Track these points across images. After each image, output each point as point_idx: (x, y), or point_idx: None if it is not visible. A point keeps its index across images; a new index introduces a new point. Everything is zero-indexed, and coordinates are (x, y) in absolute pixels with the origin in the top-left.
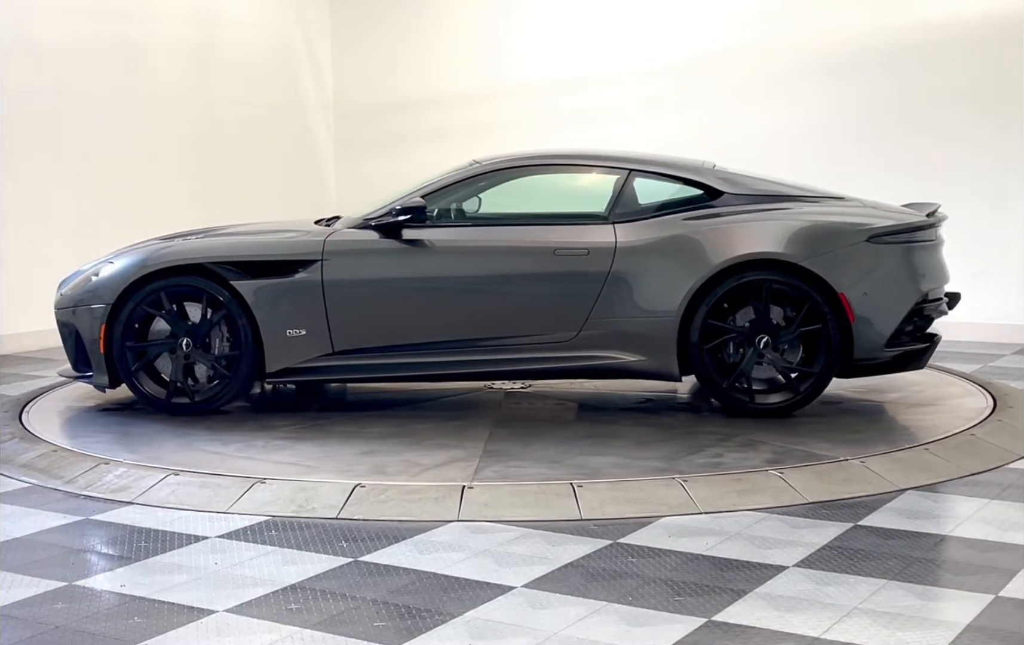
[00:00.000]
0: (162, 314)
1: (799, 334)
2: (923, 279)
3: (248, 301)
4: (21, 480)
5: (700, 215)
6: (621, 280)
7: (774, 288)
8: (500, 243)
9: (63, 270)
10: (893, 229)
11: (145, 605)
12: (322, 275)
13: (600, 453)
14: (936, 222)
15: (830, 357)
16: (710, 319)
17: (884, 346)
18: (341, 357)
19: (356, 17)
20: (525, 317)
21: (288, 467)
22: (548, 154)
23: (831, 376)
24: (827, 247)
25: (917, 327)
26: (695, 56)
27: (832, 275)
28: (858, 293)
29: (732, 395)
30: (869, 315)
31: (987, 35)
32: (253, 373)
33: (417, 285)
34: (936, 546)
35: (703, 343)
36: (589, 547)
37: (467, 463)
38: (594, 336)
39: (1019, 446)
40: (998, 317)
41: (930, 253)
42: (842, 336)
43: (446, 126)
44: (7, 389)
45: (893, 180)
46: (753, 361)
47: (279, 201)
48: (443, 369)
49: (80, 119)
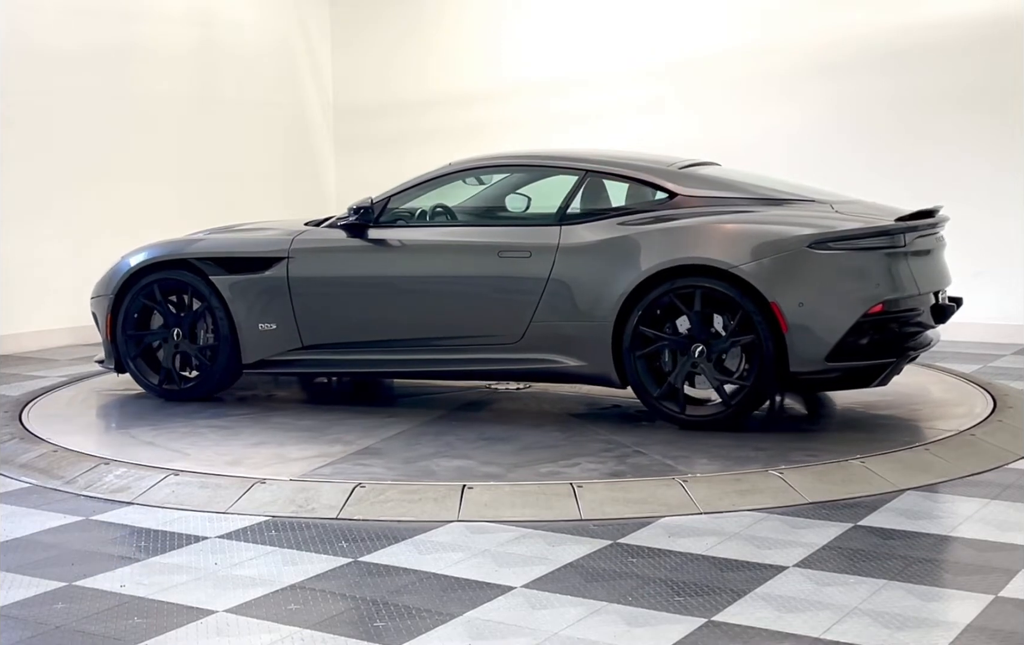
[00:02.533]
0: (155, 306)
1: (741, 344)
2: (875, 288)
3: (224, 296)
4: (21, 480)
5: (639, 218)
6: (562, 283)
7: (709, 295)
8: (449, 243)
9: (63, 270)
10: (839, 235)
11: (145, 605)
12: (287, 272)
13: (464, 457)
14: (901, 228)
15: (762, 369)
16: (642, 326)
17: (825, 359)
18: (310, 351)
19: (356, 17)
20: (473, 317)
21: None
22: (513, 155)
23: (768, 388)
24: (762, 253)
25: (876, 341)
26: (695, 56)
27: (765, 283)
28: (793, 302)
29: (663, 406)
30: (806, 326)
31: (987, 35)
32: (231, 364)
33: (373, 283)
34: (936, 546)
35: (634, 350)
36: (589, 547)
37: (326, 460)
38: (538, 339)
39: (1019, 446)
40: (998, 317)
41: (891, 260)
42: (776, 347)
43: (446, 126)
44: (7, 389)
45: (893, 180)
46: (684, 371)
47: (279, 201)
48: (401, 367)
49: (80, 120)
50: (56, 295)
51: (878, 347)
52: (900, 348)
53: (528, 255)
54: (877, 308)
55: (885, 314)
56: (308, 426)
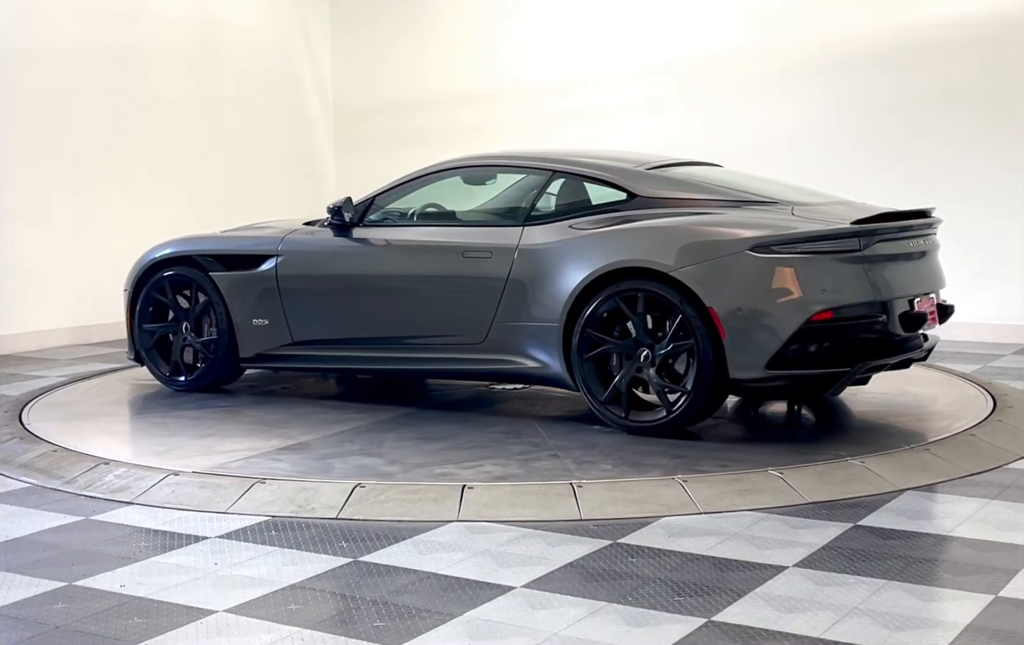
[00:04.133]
0: (165, 300)
1: (682, 350)
2: (821, 294)
3: (223, 292)
4: (21, 480)
5: (593, 220)
6: (519, 285)
7: (653, 300)
8: (420, 243)
9: (63, 270)
10: (782, 239)
11: (145, 605)
12: (276, 270)
13: (374, 456)
14: (854, 232)
15: (701, 375)
16: (589, 329)
17: (765, 367)
18: (300, 347)
19: (356, 17)
20: (439, 317)
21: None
22: (483, 156)
23: (711, 395)
24: (702, 257)
25: (827, 349)
26: (695, 56)
27: (703, 287)
28: (731, 307)
29: (608, 411)
30: (745, 332)
31: (987, 35)
32: (230, 357)
33: (352, 282)
34: (936, 546)
35: (582, 353)
36: (589, 547)
37: (246, 454)
38: (500, 340)
39: (1019, 446)
40: (998, 317)
41: (842, 265)
42: (716, 353)
43: (446, 126)
44: (7, 389)
45: (894, 180)
46: (628, 375)
47: (279, 201)
48: (379, 365)
49: (80, 120)
50: (56, 295)
51: (830, 356)
52: (855, 357)
53: (489, 256)
54: (824, 315)
55: (834, 321)
56: (270, 421)
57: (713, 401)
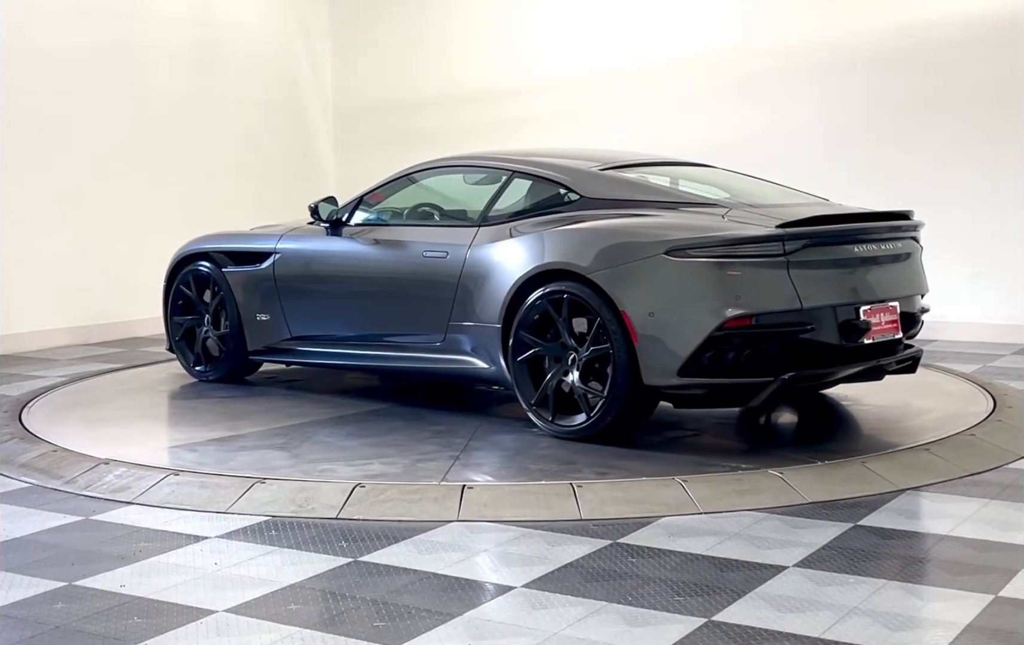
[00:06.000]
0: (190, 294)
1: (598, 354)
2: (735, 301)
3: (232, 287)
4: (21, 480)
5: (535, 221)
6: (469, 285)
7: (577, 303)
8: (390, 242)
9: (63, 270)
10: (699, 242)
11: (145, 605)
12: (274, 267)
13: (292, 454)
14: (777, 236)
15: (616, 381)
16: (522, 331)
17: (677, 374)
18: (297, 342)
19: (355, 17)
20: (406, 317)
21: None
22: (455, 157)
23: (630, 402)
24: (619, 260)
25: (748, 358)
26: (696, 56)
27: (618, 290)
28: (643, 312)
29: (537, 414)
30: (657, 337)
31: (987, 35)
32: (240, 349)
33: (334, 281)
34: (936, 546)
35: (516, 355)
36: (589, 547)
37: (170, 444)
38: (456, 341)
39: (1019, 446)
40: (998, 317)
41: (763, 271)
42: (631, 359)
43: (446, 126)
44: (7, 389)
45: (893, 181)
46: (556, 379)
47: (279, 201)
48: (359, 362)
49: (80, 120)
50: (56, 295)
51: (750, 364)
52: (781, 367)
53: (445, 256)
54: (741, 322)
55: (753, 329)
56: (232, 413)
57: (636, 408)
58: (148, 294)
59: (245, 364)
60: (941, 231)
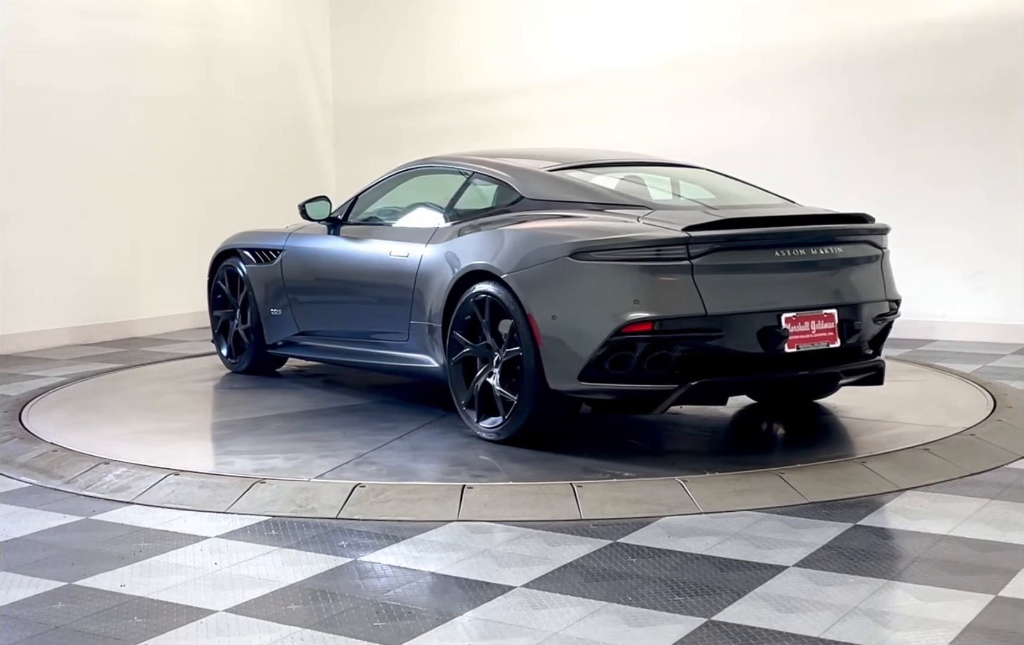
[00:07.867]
0: (225, 289)
1: (511, 357)
2: (634, 305)
3: (253, 282)
4: (21, 480)
5: (474, 222)
6: (421, 286)
7: (495, 305)
8: (369, 241)
9: (63, 270)
10: (602, 245)
11: (145, 605)
12: (281, 264)
13: (224, 451)
14: (681, 239)
15: (524, 384)
16: (456, 331)
17: (578, 378)
18: (304, 337)
19: (356, 17)
20: (378, 314)
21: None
22: (434, 158)
23: (541, 405)
24: (528, 261)
25: (653, 364)
26: (696, 56)
27: (526, 292)
28: (547, 314)
29: (465, 415)
30: (559, 340)
31: (987, 35)
32: (261, 342)
33: (326, 279)
34: (936, 546)
35: (451, 356)
36: (589, 547)
37: (131, 432)
38: (417, 339)
39: (1019, 446)
40: (998, 317)
41: (665, 275)
42: (538, 361)
43: (446, 125)
44: (7, 389)
45: (894, 180)
46: (481, 380)
47: (279, 201)
48: (347, 358)
49: (81, 119)
50: (56, 295)
51: (655, 371)
52: (689, 374)
53: (407, 256)
54: (641, 327)
55: (655, 334)
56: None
57: (548, 412)
58: (148, 294)
59: (267, 357)
60: (941, 231)
